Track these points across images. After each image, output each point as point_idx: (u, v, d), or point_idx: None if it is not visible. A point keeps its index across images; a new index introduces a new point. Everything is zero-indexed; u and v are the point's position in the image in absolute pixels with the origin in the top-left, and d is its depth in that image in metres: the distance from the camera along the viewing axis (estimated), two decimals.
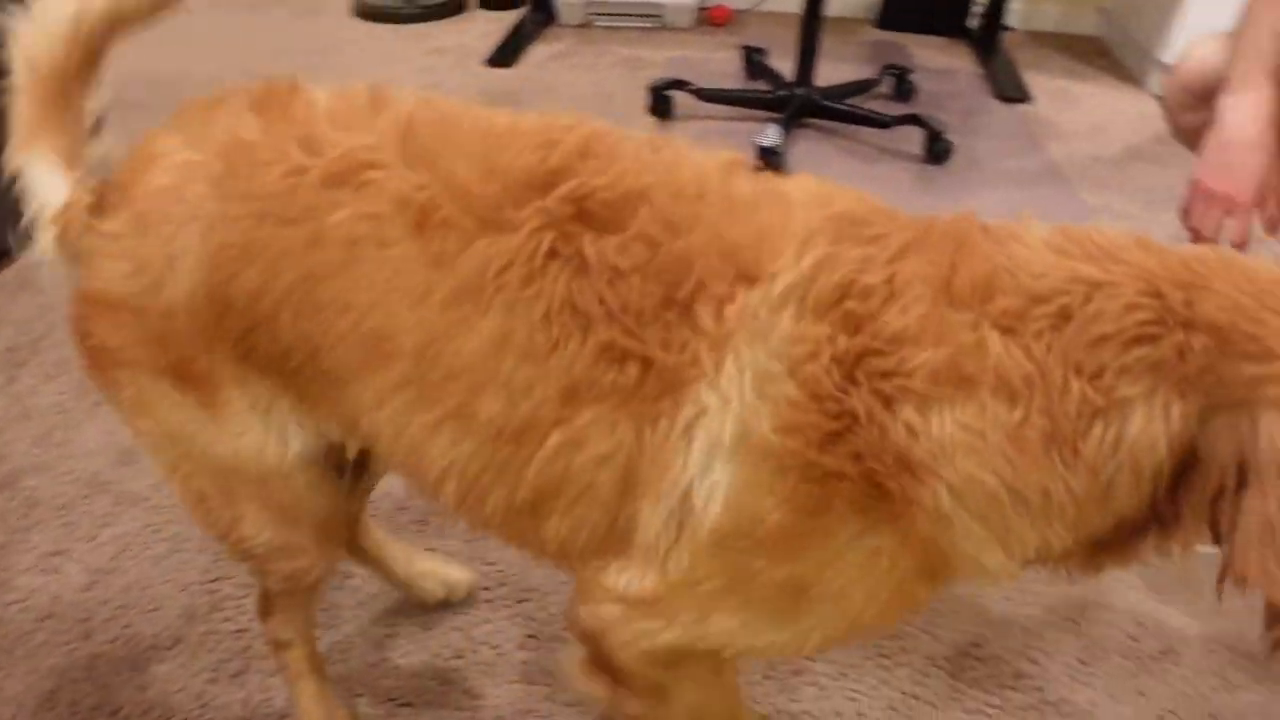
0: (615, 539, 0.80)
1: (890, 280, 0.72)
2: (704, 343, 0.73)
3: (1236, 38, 1.45)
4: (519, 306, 0.76)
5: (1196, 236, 1.42)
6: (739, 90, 2.71)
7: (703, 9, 3.51)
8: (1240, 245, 1.38)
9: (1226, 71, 1.44)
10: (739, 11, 3.57)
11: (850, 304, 0.71)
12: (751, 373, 0.72)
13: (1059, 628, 1.37)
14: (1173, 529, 0.70)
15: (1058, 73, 3.24)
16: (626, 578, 0.80)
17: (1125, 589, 1.42)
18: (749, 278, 0.74)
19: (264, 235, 0.80)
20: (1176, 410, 0.66)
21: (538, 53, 3.22)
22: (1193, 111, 1.62)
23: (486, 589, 1.38)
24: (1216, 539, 0.68)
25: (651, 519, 0.77)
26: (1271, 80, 1.39)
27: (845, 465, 0.70)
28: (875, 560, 0.73)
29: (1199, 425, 0.66)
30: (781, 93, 2.63)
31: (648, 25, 3.45)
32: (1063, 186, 2.43)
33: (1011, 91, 2.97)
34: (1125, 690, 1.29)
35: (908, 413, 0.69)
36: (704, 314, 0.73)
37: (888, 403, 0.69)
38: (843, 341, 0.70)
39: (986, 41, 3.30)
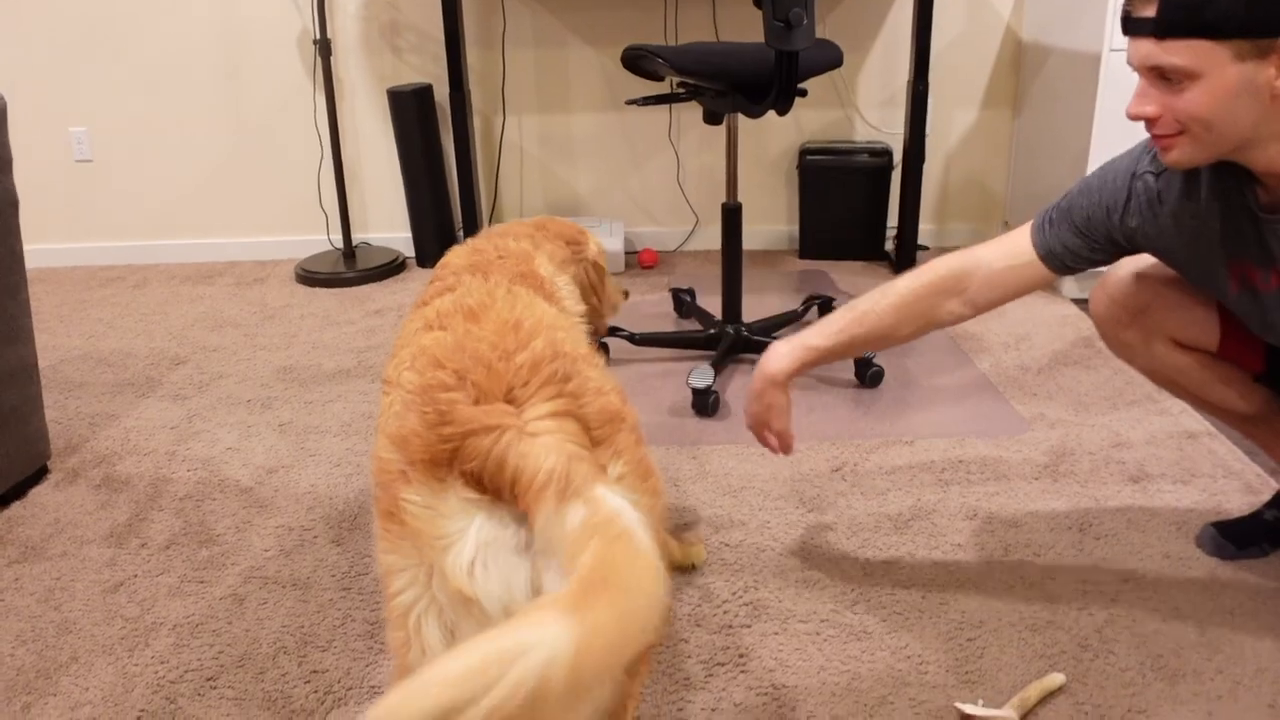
0: None
1: None
2: None
3: None
4: None
5: None
6: (670, 334, 2.77)
7: (630, 253, 3.65)
8: None
9: None
10: (665, 253, 3.73)
11: None
12: None
13: None
14: None
15: None
16: None
17: None
18: None
19: None
20: None
21: None
22: (1126, 327, 1.64)
23: None
24: None
25: None
26: None
27: None
28: None
29: None
30: (712, 331, 2.69)
31: None
32: (995, 399, 2.47)
33: None
34: None
35: None
36: None
37: None
38: None
39: (904, 263, 3.45)
